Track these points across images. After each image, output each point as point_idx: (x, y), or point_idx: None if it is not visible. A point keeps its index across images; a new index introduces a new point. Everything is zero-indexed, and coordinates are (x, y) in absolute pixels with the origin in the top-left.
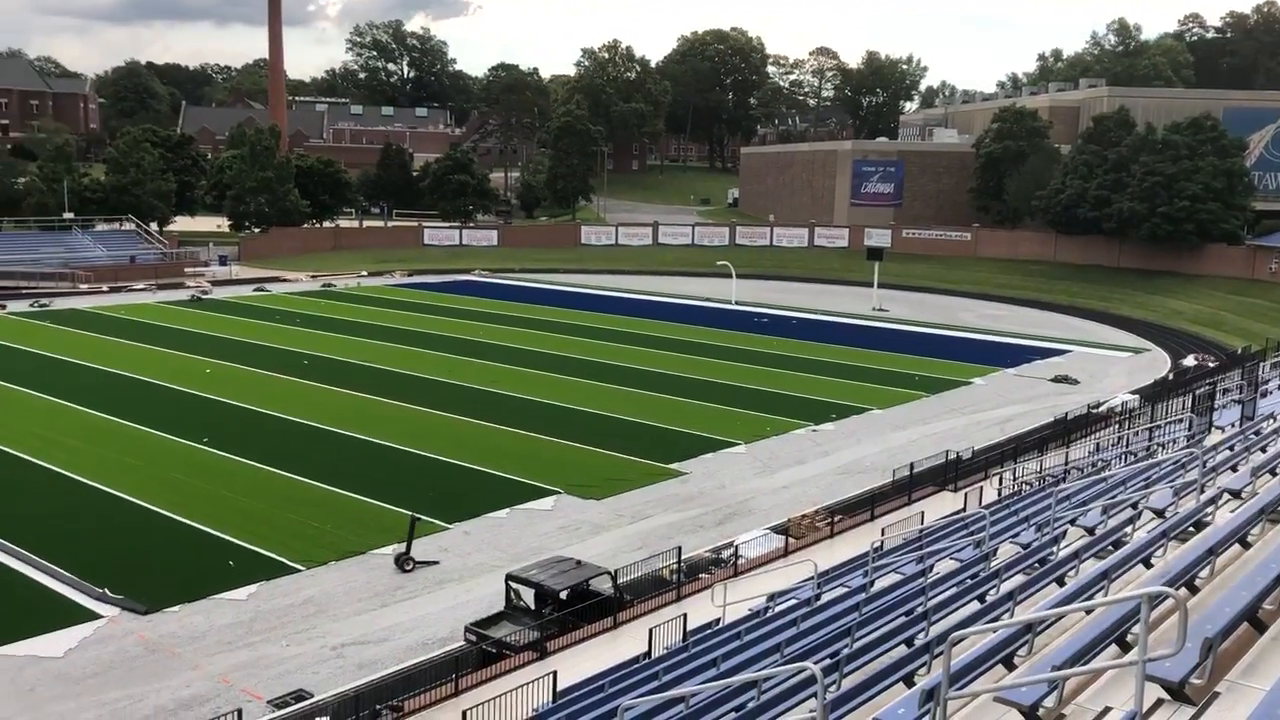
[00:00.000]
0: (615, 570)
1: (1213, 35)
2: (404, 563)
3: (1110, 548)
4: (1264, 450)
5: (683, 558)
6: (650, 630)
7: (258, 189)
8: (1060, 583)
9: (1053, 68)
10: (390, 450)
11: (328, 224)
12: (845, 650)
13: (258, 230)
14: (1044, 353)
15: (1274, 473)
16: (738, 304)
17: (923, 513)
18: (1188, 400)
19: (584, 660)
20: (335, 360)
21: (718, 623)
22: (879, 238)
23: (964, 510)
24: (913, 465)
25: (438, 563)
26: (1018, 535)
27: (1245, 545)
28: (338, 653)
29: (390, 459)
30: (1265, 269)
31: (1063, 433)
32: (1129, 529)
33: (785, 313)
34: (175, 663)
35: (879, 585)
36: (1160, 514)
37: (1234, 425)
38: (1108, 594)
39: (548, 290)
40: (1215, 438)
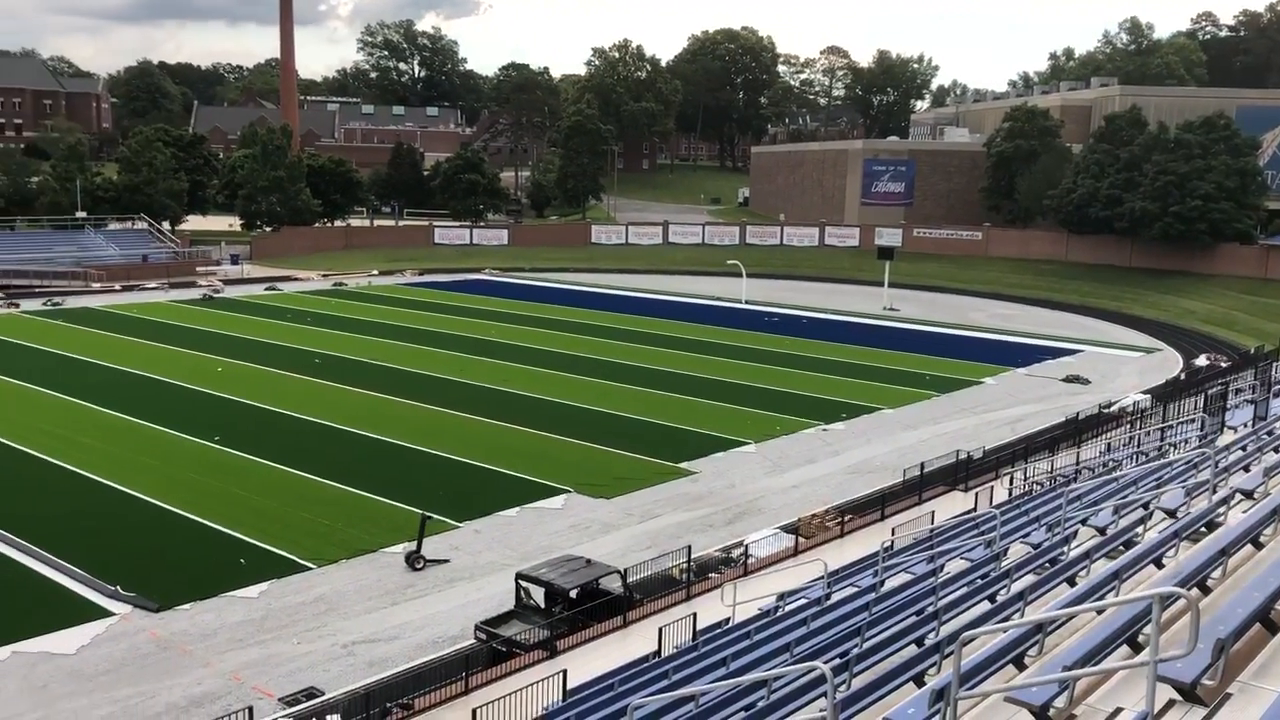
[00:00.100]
0: (625, 569)
1: (1226, 34)
2: (415, 561)
3: (1121, 548)
4: (1277, 450)
5: (692, 557)
6: (660, 629)
7: (269, 188)
8: (1071, 583)
9: (1064, 67)
10: (401, 449)
11: (339, 223)
12: (855, 650)
13: (269, 229)
14: (1055, 352)
15: None
16: (748, 303)
17: (933, 512)
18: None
19: (594, 659)
20: (346, 359)
21: (727, 622)
22: (890, 237)
23: (975, 510)
24: (923, 465)
25: (448, 561)
26: (1028, 535)
27: (1258, 546)
28: (348, 650)
29: (401, 457)
30: (1278, 268)
31: (1074, 433)
32: (1140, 529)
33: (796, 312)
34: (187, 660)
35: (889, 585)
36: (1172, 514)
37: (1246, 425)
38: (1119, 594)
39: (558, 289)
40: (1228, 438)
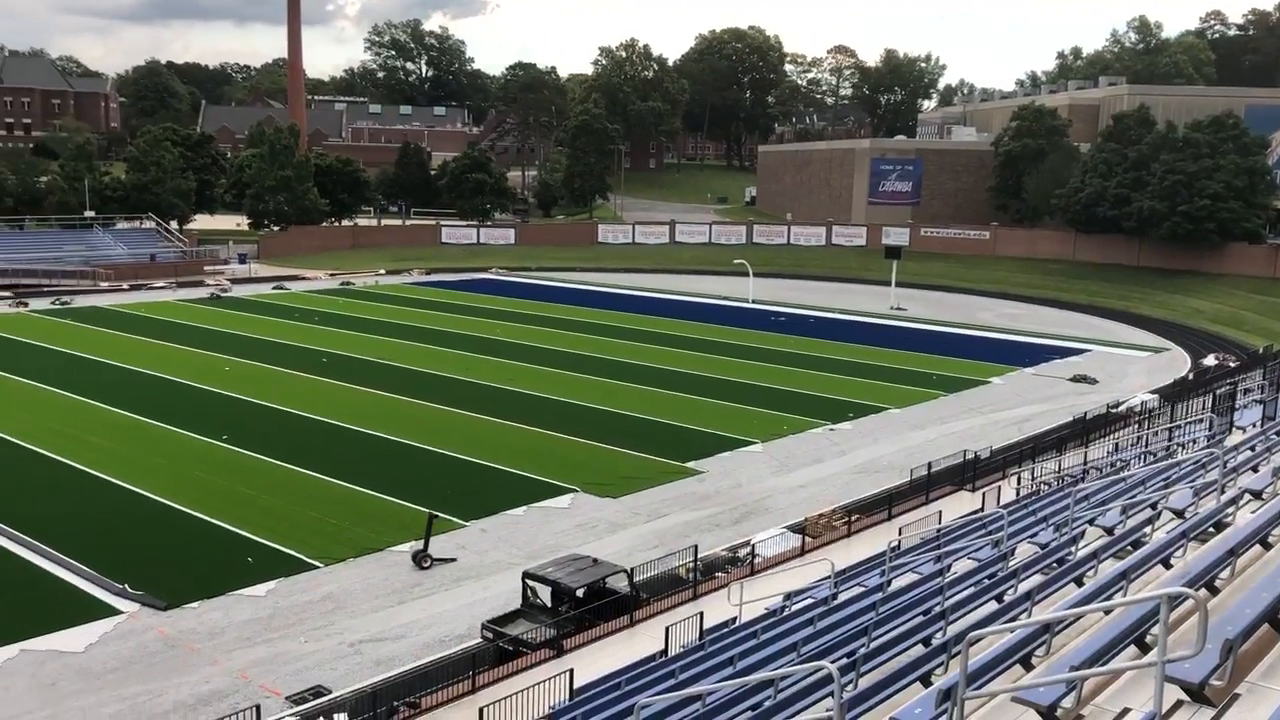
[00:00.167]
0: (632, 568)
1: (1235, 33)
2: (421, 560)
3: (1129, 548)
4: None
5: (699, 556)
6: (667, 629)
7: (277, 188)
8: (1079, 583)
9: (1072, 66)
10: (408, 448)
11: (346, 223)
12: (862, 649)
13: (277, 229)
14: (1063, 352)
15: None
16: (755, 302)
17: (940, 512)
18: (1208, 400)
19: (600, 658)
20: (354, 358)
21: (734, 621)
22: (897, 236)
23: (982, 510)
24: (930, 465)
25: (455, 560)
26: (1036, 535)
27: (1266, 546)
28: (355, 649)
29: (408, 456)
30: None
31: (1081, 432)
32: (1148, 529)
33: (803, 311)
34: (194, 658)
35: (896, 584)
36: (1180, 514)
37: (1255, 425)
38: (1126, 594)
39: (565, 289)
40: (1236, 438)
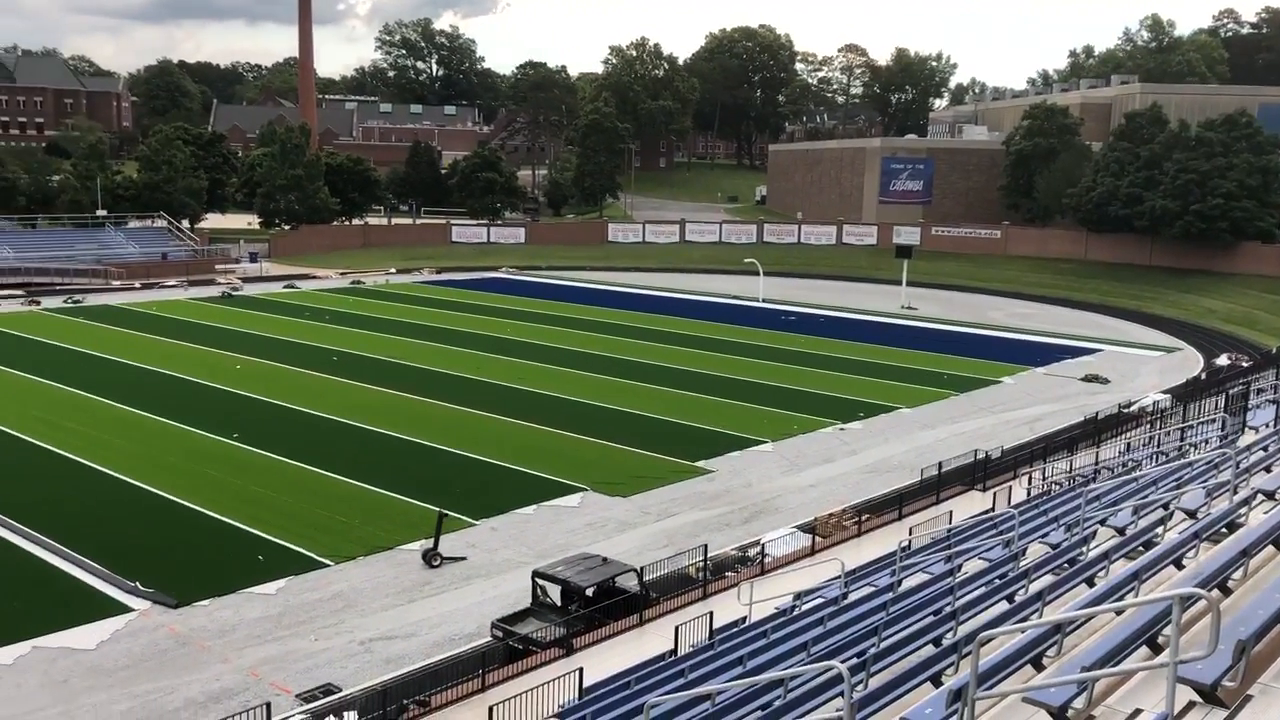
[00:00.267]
0: (641, 568)
1: (1248, 31)
2: (431, 558)
3: (1141, 548)
4: None
5: (709, 556)
6: (676, 628)
7: (288, 187)
8: (1090, 583)
9: (1084, 64)
10: (418, 446)
11: (357, 221)
12: (872, 649)
13: (288, 227)
14: (1074, 351)
15: None
16: (765, 302)
17: (951, 512)
18: (1221, 400)
19: (610, 657)
20: (364, 357)
21: (744, 621)
22: (908, 235)
23: (993, 510)
24: (941, 464)
25: (465, 559)
26: (1047, 535)
27: (1279, 547)
28: (365, 647)
29: (418, 455)
30: None
31: (1093, 432)
32: (1160, 529)
33: (813, 310)
34: (205, 656)
35: (906, 584)
36: (1192, 515)
37: (1268, 425)
38: (1138, 595)
39: (575, 288)
40: (1249, 438)
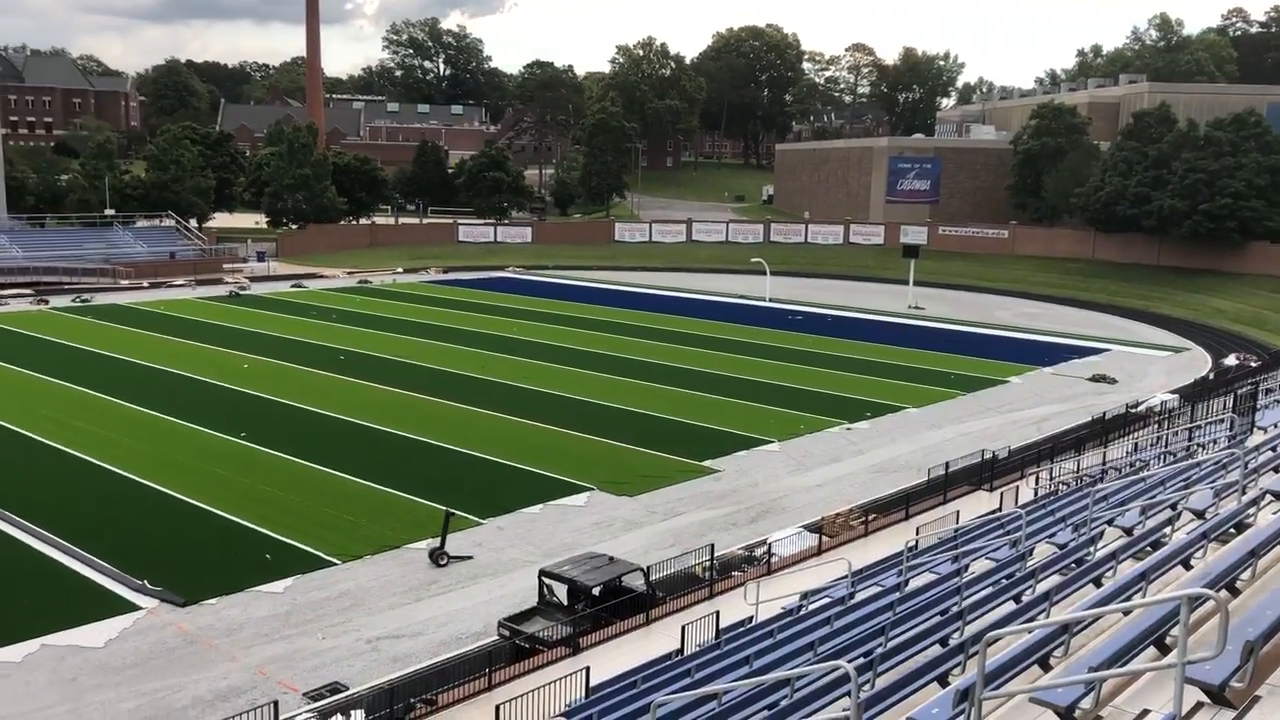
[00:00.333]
0: (648, 567)
1: (1257, 30)
2: (438, 557)
3: (1149, 548)
4: None
5: (715, 555)
6: (683, 627)
7: (295, 186)
8: (1097, 583)
9: (1092, 64)
10: (425, 445)
11: (364, 221)
12: (879, 649)
13: (295, 227)
14: (1081, 351)
15: None
16: (772, 301)
17: (958, 512)
18: (1229, 400)
19: (616, 656)
20: (371, 356)
21: (750, 621)
22: (915, 235)
23: (1000, 510)
24: (948, 464)
25: (471, 557)
26: (1054, 535)
27: None
28: (373, 646)
29: (425, 454)
30: None
31: (1100, 432)
32: (1168, 530)
33: (820, 310)
34: (213, 654)
35: (913, 584)
36: (1200, 515)
37: (1277, 425)
38: (1146, 595)
39: (581, 287)
40: (1257, 438)
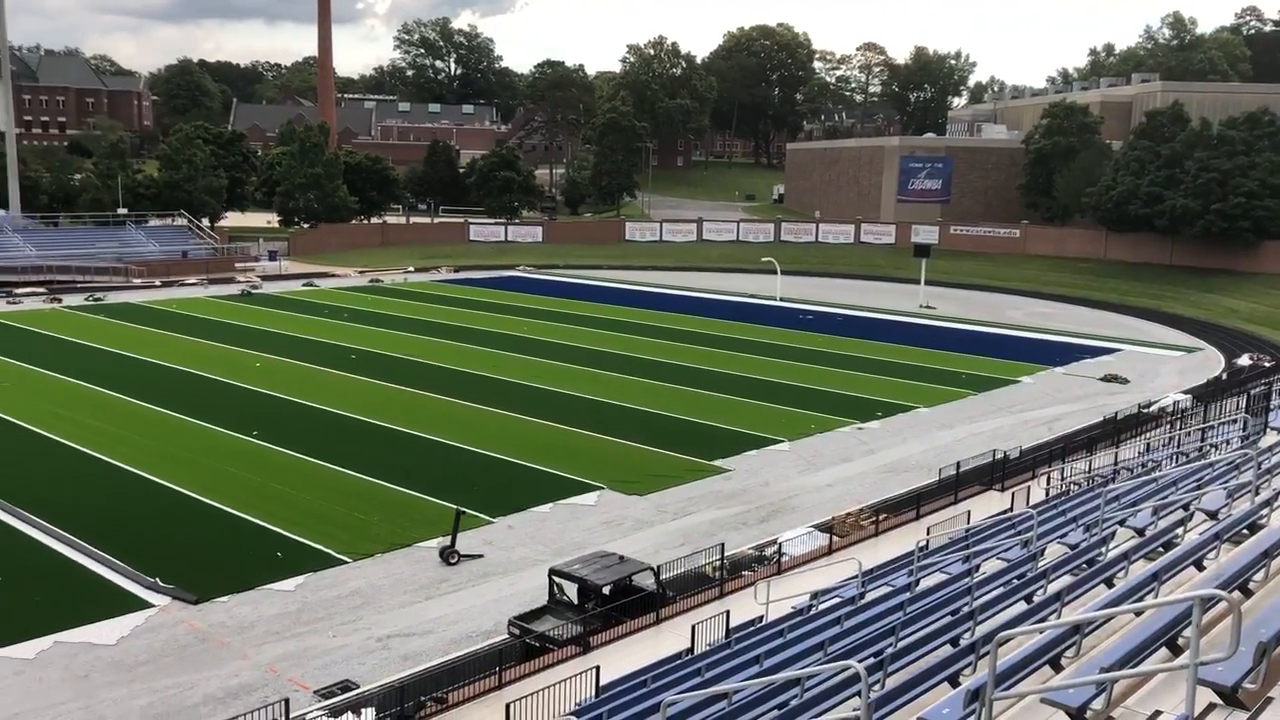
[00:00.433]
0: (658, 566)
1: (1271, 28)
2: (449, 556)
3: (1161, 549)
4: None
5: (726, 554)
6: (693, 626)
7: (307, 185)
8: (1109, 584)
9: (1105, 62)
10: (435, 444)
11: (375, 220)
12: (889, 649)
13: (307, 226)
14: (1093, 351)
15: None
16: (782, 300)
17: (969, 512)
18: (1242, 400)
19: (627, 655)
20: (382, 355)
21: (760, 620)
22: (926, 234)
23: (1011, 510)
24: (959, 464)
25: (482, 556)
26: (1066, 535)
27: None
28: (383, 644)
29: (435, 453)
30: None
31: (1112, 432)
32: (1180, 530)
33: (831, 309)
34: (224, 652)
35: (924, 584)
36: (1213, 515)
37: None
38: (1158, 596)
39: (592, 286)
40: (1271, 439)
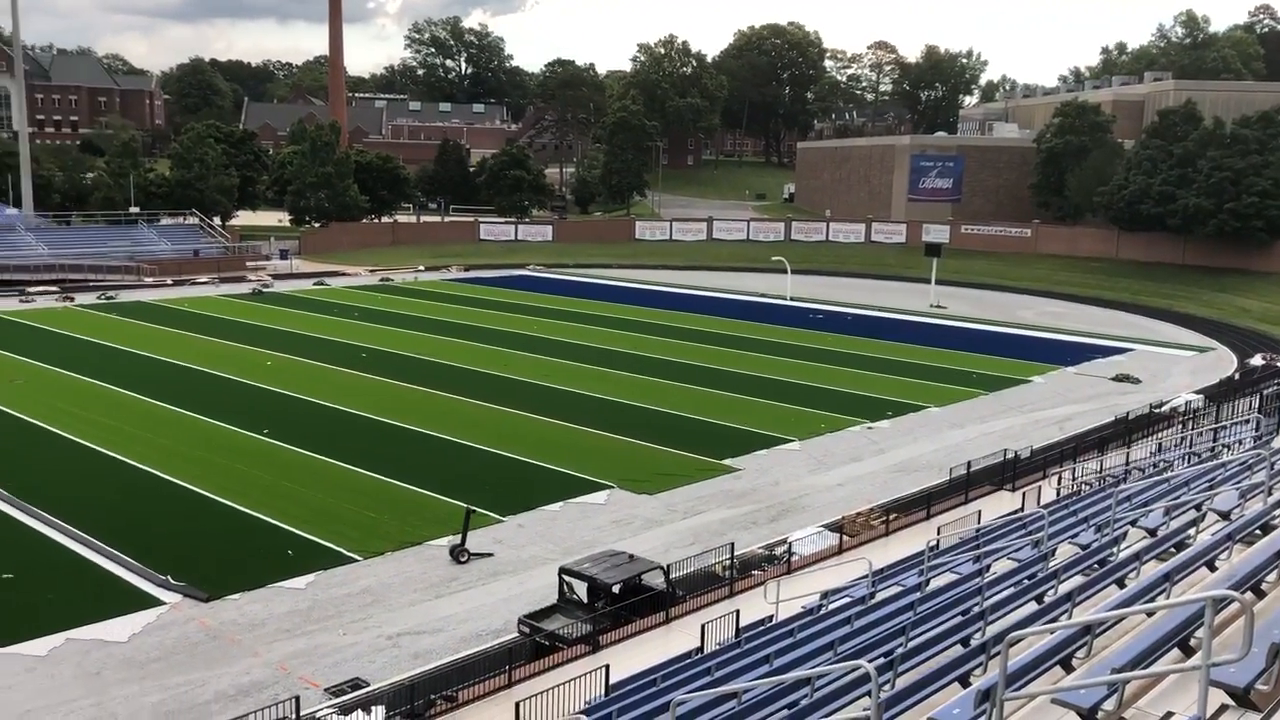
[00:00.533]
0: (668, 565)
1: None
2: (459, 554)
3: (1173, 550)
4: None
5: (736, 554)
6: (702, 626)
7: (318, 184)
8: (1120, 584)
9: (1117, 61)
10: (446, 442)
11: (386, 219)
12: (900, 649)
13: (318, 225)
14: (1105, 351)
15: None
16: (793, 300)
17: (980, 512)
18: (1255, 400)
19: (636, 654)
20: (393, 353)
21: (770, 619)
22: (937, 233)
23: (1022, 510)
24: (969, 464)
25: (492, 555)
26: (1077, 536)
27: None
28: (393, 642)
29: (446, 451)
30: None
31: (1124, 432)
32: (1192, 531)
33: (841, 309)
34: (235, 649)
35: (934, 584)
36: (1225, 516)
37: None
38: (1170, 596)
39: (602, 285)
40: None
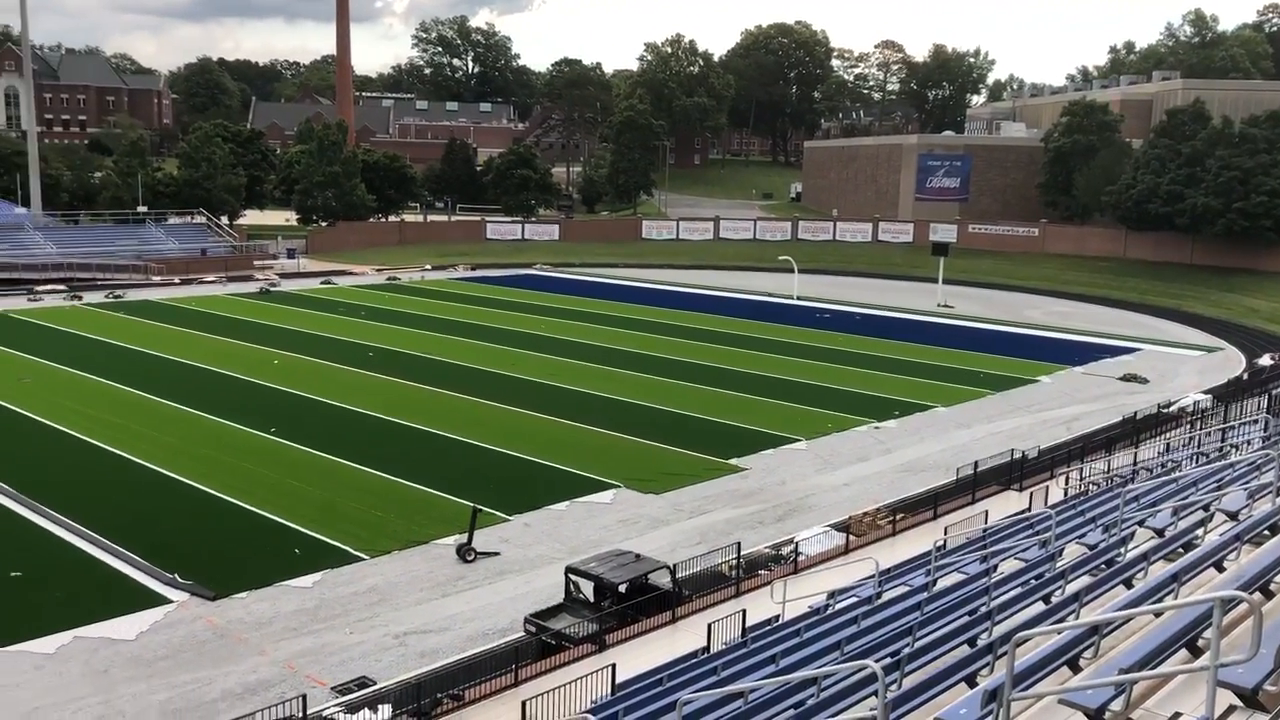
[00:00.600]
0: (674, 565)
1: None
2: (465, 553)
3: (1180, 550)
4: None
5: (742, 553)
6: (709, 625)
7: (325, 183)
8: (1128, 585)
9: (1125, 60)
10: (452, 441)
11: (393, 218)
12: (906, 649)
13: (325, 224)
14: (1112, 351)
15: None
16: (799, 299)
17: (986, 512)
18: (1263, 400)
19: (642, 654)
20: (400, 353)
21: (777, 619)
22: (944, 233)
23: (1029, 510)
24: (977, 464)
25: (498, 554)
26: (1084, 536)
27: None
28: (400, 641)
29: (452, 450)
30: None
31: (1131, 432)
32: (1200, 531)
33: (848, 308)
34: (242, 648)
35: (941, 584)
36: (1234, 516)
37: None
38: (1178, 597)
39: (608, 285)
40: None
